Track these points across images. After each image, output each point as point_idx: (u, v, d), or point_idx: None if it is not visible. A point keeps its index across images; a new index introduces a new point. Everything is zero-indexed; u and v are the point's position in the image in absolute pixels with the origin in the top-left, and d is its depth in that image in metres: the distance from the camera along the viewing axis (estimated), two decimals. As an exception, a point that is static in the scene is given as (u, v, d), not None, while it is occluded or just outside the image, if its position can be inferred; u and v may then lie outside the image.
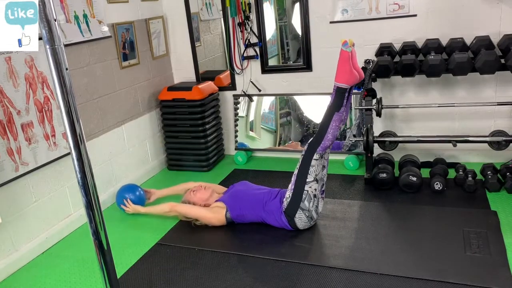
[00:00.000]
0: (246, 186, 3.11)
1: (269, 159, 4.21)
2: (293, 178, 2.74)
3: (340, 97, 2.59)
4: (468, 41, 3.28)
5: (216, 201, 3.02)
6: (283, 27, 4.20)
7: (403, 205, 3.07)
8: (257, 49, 4.03)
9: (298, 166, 2.73)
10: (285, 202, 2.75)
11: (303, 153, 2.72)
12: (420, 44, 3.41)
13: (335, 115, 2.60)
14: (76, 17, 3.17)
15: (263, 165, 4.11)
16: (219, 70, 4.45)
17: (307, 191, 2.69)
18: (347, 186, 3.47)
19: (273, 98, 4.17)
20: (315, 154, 2.65)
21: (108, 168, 3.57)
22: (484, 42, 3.19)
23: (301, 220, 2.75)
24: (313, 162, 2.66)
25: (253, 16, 3.94)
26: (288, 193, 2.75)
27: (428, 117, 3.68)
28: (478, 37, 3.24)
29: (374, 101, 3.40)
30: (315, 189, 2.70)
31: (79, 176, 1.60)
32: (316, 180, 2.69)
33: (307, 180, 2.68)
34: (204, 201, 3.03)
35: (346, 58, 2.56)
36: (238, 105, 4.26)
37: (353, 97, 3.78)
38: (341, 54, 2.58)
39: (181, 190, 3.30)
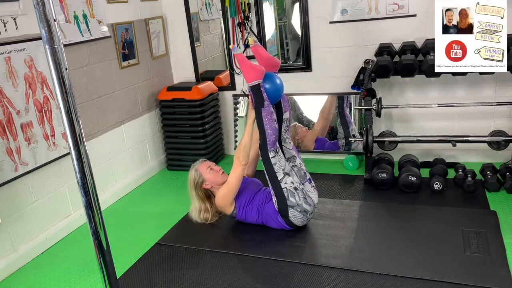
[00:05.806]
0: (254, 185, 3.02)
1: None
2: (269, 183, 2.76)
3: (257, 94, 2.65)
4: (467, 41, 3.28)
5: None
6: (283, 27, 4.21)
7: (402, 205, 3.07)
8: (257, 49, 4.04)
9: (264, 171, 2.75)
10: (276, 205, 2.77)
11: (260, 158, 2.77)
12: (419, 44, 3.41)
13: (262, 111, 2.66)
14: (76, 17, 3.17)
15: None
16: (219, 70, 4.45)
17: (285, 188, 2.71)
18: (347, 186, 3.47)
19: (272, 98, 4.16)
20: (269, 153, 2.70)
21: (108, 168, 3.57)
22: (483, 42, 3.19)
23: (295, 217, 2.75)
24: (272, 161, 2.70)
25: (252, 16, 3.94)
26: (274, 197, 2.76)
27: (428, 117, 3.68)
28: (477, 37, 3.24)
29: (374, 101, 3.40)
30: (292, 182, 2.72)
31: (78, 176, 1.60)
32: (286, 174, 2.71)
33: (278, 178, 2.71)
34: (214, 184, 2.89)
35: (241, 59, 2.70)
36: (238, 105, 4.26)
37: (352, 97, 3.80)
38: (236, 58, 2.73)
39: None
